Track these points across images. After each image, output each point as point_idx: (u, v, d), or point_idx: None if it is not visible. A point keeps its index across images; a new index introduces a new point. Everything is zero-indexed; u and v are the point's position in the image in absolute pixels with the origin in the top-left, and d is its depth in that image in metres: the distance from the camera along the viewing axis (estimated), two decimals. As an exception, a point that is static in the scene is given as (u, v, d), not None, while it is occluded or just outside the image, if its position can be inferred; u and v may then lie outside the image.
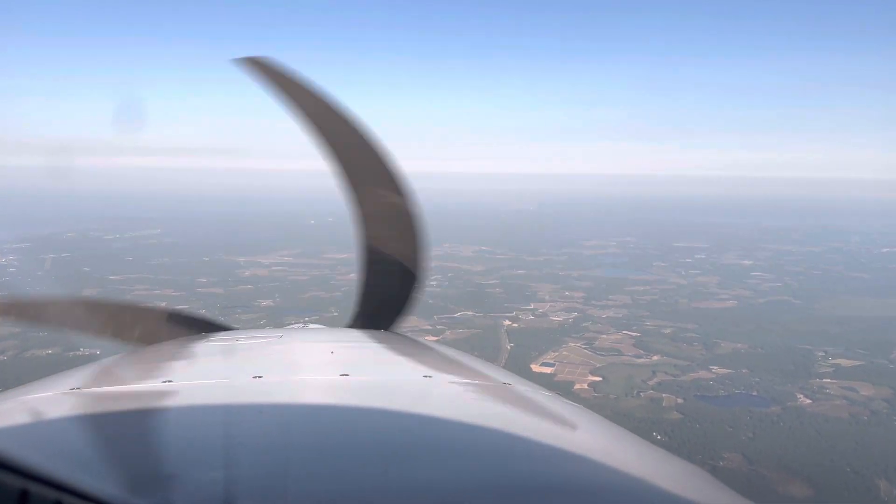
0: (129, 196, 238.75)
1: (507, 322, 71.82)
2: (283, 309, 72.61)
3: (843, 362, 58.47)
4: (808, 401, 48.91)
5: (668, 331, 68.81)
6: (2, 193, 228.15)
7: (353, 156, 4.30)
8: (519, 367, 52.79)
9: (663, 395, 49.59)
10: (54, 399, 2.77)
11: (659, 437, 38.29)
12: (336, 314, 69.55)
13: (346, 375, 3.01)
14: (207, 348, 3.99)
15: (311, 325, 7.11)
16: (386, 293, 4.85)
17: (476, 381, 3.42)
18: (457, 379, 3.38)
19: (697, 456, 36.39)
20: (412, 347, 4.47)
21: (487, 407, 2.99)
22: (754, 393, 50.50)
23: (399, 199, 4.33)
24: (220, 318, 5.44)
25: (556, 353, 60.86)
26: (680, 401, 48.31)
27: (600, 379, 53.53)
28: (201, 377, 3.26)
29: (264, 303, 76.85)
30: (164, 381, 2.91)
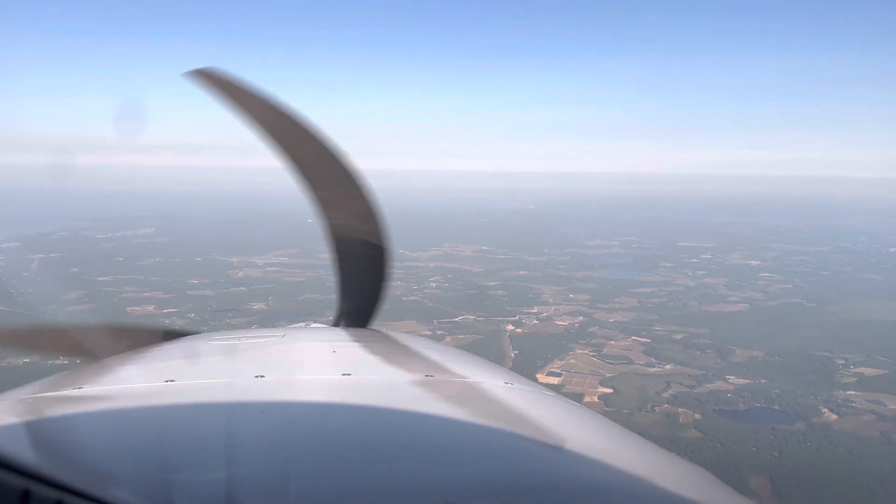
0: (123, 194, 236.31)
1: (511, 327, 69.03)
2: (276, 312, 69.96)
3: (866, 371, 55.54)
4: (834, 416, 45.81)
5: (679, 336, 65.92)
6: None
7: (309, 159, 4.31)
8: (524, 376, 49.78)
9: (679, 409, 46.49)
10: (56, 399, 2.77)
11: (679, 459, 35.27)
12: (332, 318, 67.14)
13: (348, 375, 3.01)
14: (209, 348, 3.98)
15: (313, 325, 6.80)
16: (361, 290, 4.90)
17: (478, 381, 3.33)
18: (459, 378, 3.37)
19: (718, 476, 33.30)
20: (414, 347, 4.35)
21: (489, 406, 2.94)
22: (776, 407, 47.40)
23: (359, 198, 4.34)
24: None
25: (563, 362, 57.86)
26: (697, 416, 45.21)
27: (611, 390, 50.49)
28: (203, 377, 3.18)
29: (256, 306, 74.24)
30: (166, 381, 2.89)
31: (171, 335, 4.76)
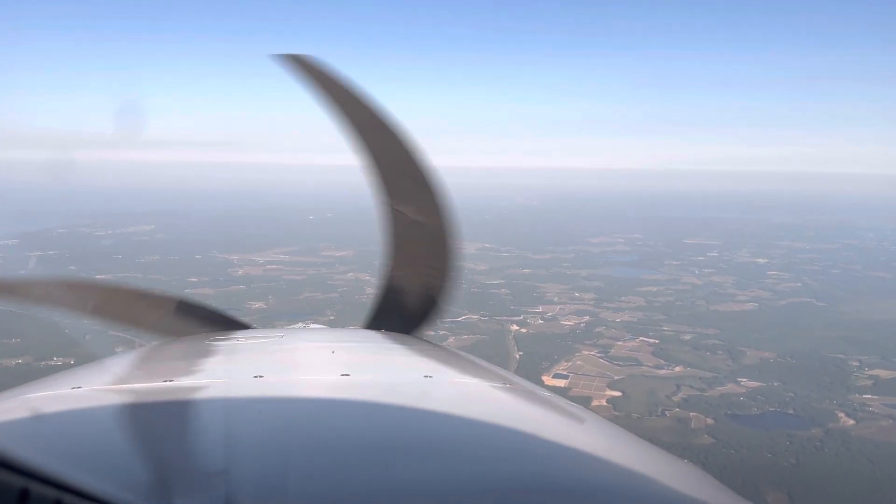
0: (123, 191, 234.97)
1: (515, 327, 67.64)
2: (276, 312, 68.67)
3: (881, 373, 54.08)
4: (851, 421, 44.35)
5: (687, 337, 64.47)
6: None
7: (391, 165, 4.29)
8: (529, 378, 48.07)
9: (691, 414, 45.04)
10: (55, 398, 2.77)
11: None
12: (332, 318, 65.59)
13: (347, 375, 3.01)
14: (209, 348, 3.94)
15: (312, 325, 6.86)
16: (415, 288, 4.61)
17: (477, 381, 3.34)
18: (458, 379, 3.40)
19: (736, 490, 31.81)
20: (413, 347, 4.27)
21: (488, 407, 2.93)
22: (790, 411, 45.92)
23: (434, 216, 4.27)
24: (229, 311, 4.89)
25: (569, 363, 56.42)
26: (710, 421, 43.74)
27: (620, 394, 49.05)
28: (202, 377, 3.20)
29: (256, 305, 72.89)
30: (165, 381, 2.89)
31: (183, 307, 4.51)
